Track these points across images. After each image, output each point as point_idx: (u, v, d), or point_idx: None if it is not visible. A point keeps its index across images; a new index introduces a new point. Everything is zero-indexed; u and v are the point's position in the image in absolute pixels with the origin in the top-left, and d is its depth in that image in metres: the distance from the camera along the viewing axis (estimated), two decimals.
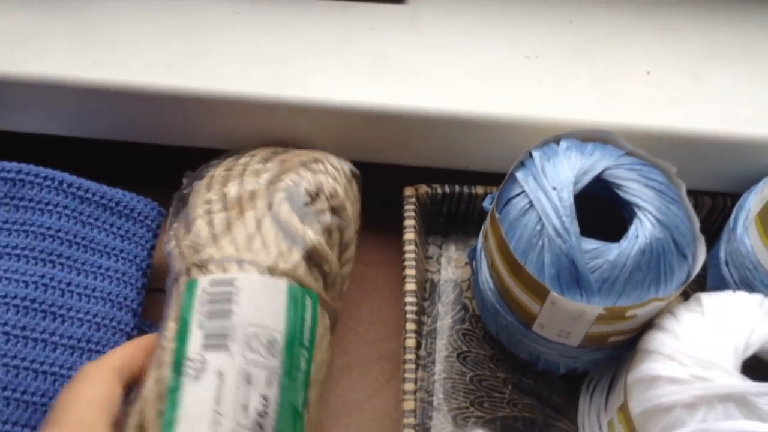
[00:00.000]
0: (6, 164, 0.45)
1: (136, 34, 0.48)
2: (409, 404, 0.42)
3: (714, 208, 0.49)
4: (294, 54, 0.47)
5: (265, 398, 0.33)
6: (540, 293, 0.39)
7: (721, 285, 0.45)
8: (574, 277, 0.38)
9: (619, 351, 0.43)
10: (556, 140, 0.43)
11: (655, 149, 0.43)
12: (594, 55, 0.49)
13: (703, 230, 0.46)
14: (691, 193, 0.46)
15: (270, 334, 0.34)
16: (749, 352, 0.37)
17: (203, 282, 0.36)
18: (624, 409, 0.40)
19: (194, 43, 0.48)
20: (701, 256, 0.40)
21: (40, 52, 0.47)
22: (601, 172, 0.41)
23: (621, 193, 0.41)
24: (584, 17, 0.51)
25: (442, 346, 0.48)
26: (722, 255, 0.45)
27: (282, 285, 0.36)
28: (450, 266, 0.51)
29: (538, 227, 0.39)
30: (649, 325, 0.40)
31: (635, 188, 0.40)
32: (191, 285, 0.36)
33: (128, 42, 0.48)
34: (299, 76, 0.46)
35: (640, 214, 0.40)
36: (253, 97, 0.45)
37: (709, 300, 0.40)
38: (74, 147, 0.50)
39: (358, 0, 0.50)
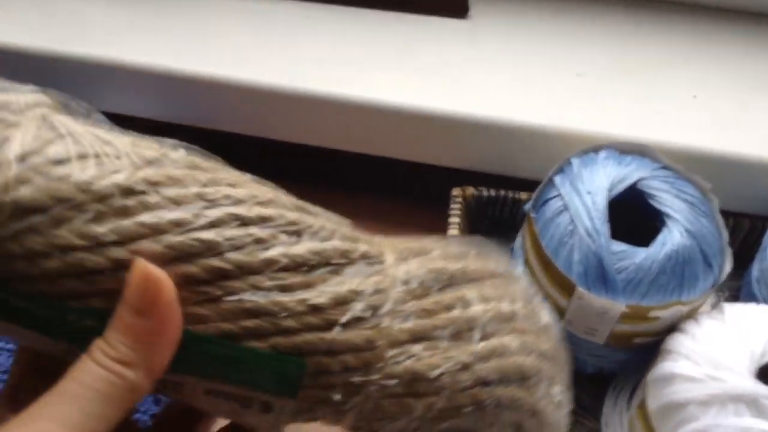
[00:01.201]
0: None
1: (216, 31, 0.53)
2: None
3: (753, 230, 0.51)
4: (358, 58, 0.52)
5: None
6: (568, 289, 0.42)
7: (751, 302, 0.46)
8: (600, 275, 0.41)
9: (644, 354, 0.45)
10: (596, 150, 0.45)
11: (695, 169, 0.45)
12: (643, 75, 0.52)
13: (742, 251, 0.48)
14: (731, 215, 0.48)
15: None
16: (765, 359, 0.39)
17: None
18: (643, 405, 0.42)
19: (267, 43, 0.53)
20: (727, 267, 0.42)
21: (134, 42, 0.53)
22: (636, 182, 0.43)
23: (653, 203, 0.43)
24: (636, 39, 0.54)
25: None
26: (754, 273, 0.47)
27: None
28: None
29: (570, 227, 0.42)
30: (672, 329, 0.42)
31: (667, 199, 0.43)
32: None
33: (208, 37, 0.53)
34: (361, 78, 0.50)
35: (669, 223, 0.42)
36: (317, 95, 0.50)
37: (732, 309, 0.41)
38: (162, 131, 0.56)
39: (422, 13, 0.54)
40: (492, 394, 0.26)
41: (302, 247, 0.24)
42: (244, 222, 0.23)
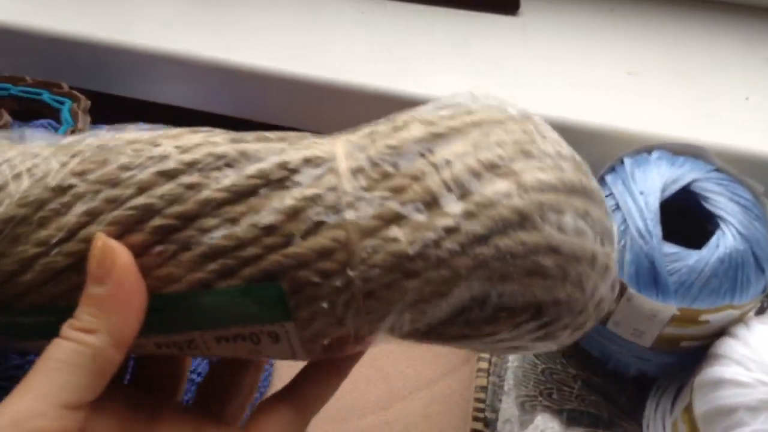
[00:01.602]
0: (145, 125, 0.51)
1: (269, 24, 0.54)
2: (481, 380, 0.45)
3: None
4: (411, 54, 0.52)
5: None
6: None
7: None
8: (652, 277, 0.41)
9: (690, 358, 0.44)
10: (649, 150, 0.45)
11: (747, 172, 0.45)
12: (695, 76, 0.51)
13: None
14: None
15: None
16: None
17: None
18: (689, 409, 0.41)
19: (320, 37, 0.53)
20: None
21: (185, 33, 0.53)
22: (689, 184, 0.43)
23: (707, 205, 0.43)
24: (689, 39, 0.53)
25: None
26: None
27: None
28: None
29: (622, 227, 0.42)
30: (721, 333, 0.42)
31: (721, 202, 0.42)
32: None
33: (261, 30, 0.53)
34: (414, 74, 0.51)
35: (723, 225, 0.41)
36: (368, 90, 0.50)
37: None
38: (209, 121, 0.56)
39: (474, 9, 0.54)
40: (492, 247, 0.24)
41: (235, 176, 0.24)
42: (170, 175, 0.24)
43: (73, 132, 0.48)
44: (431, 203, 0.24)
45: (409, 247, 0.23)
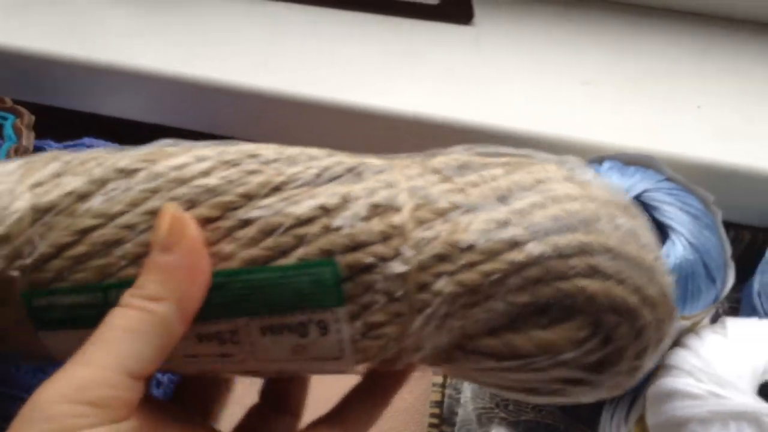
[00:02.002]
0: (95, 141, 0.50)
1: (221, 37, 0.53)
2: (435, 395, 0.44)
3: (753, 242, 0.50)
4: (364, 64, 0.51)
5: None
6: None
7: (752, 315, 0.46)
8: None
9: None
10: (600, 161, 0.45)
11: (698, 180, 0.45)
12: (648, 85, 0.51)
13: (741, 263, 0.47)
14: (731, 226, 0.48)
15: None
16: (767, 376, 0.38)
17: None
18: (641, 421, 0.41)
19: (274, 50, 0.52)
20: (730, 281, 0.41)
21: (141, 46, 0.52)
22: (640, 194, 0.43)
23: (657, 216, 0.43)
24: (642, 48, 0.53)
25: None
26: (755, 286, 0.46)
27: None
28: None
29: None
30: (674, 343, 0.42)
31: (671, 212, 0.42)
32: None
33: (213, 43, 0.52)
34: (368, 84, 0.50)
35: (673, 236, 0.42)
36: (321, 101, 0.49)
37: (734, 324, 0.41)
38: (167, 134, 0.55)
39: (427, 19, 0.54)
40: (550, 245, 0.24)
41: (300, 167, 0.25)
42: (234, 163, 0.25)
43: (16, 150, 0.46)
44: (490, 201, 0.25)
45: (466, 236, 0.24)
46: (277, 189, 0.24)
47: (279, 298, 0.24)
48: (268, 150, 0.25)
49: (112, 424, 0.22)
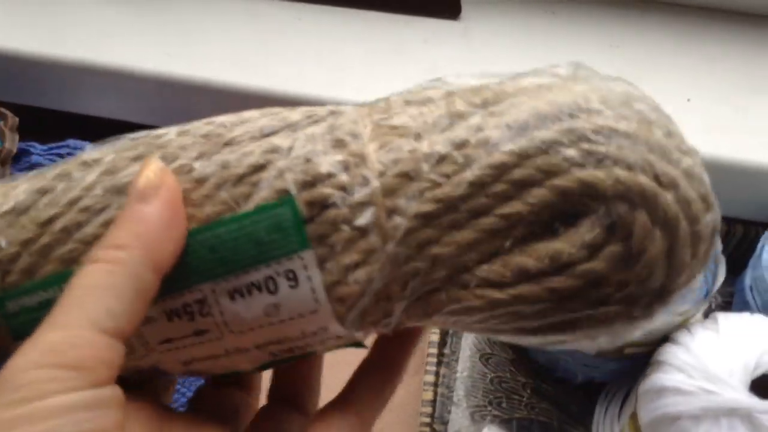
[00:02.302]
0: (79, 143, 0.50)
1: (204, 35, 0.52)
2: (427, 394, 0.44)
3: (746, 236, 0.50)
4: (352, 60, 0.51)
5: None
6: None
7: (744, 310, 0.46)
8: None
9: (636, 364, 0.44)
10: None
11: None
12: (636, 78, 0.50)
13: (734, 257, 0.47)
14: (723, 219, 0.48)
15: None
16: (759, 372, 0.38)
17: None
18: (634, 417, 0.41)
19: (258, 47, 0.52)
20: (720, 276, 0.41)
21: (122, 45, 0.51)
22: None
23: None
24: (628, 42, 0.53)
25: (466, 346, 0.50)
26: (747, 281, 0.46)
27: None
28: None
29: None
30: (665, 339, 0.42)
31: None
32: None
33: (196, 41, 0.52)
34: (355, 80, 0.50)
35: None
36: (308, 98, 0.49)
37: (725, 319, 0.41)
38: None
39: (414, 14, 0.53)
40: (531, 138, 0.21)
41: (253, 123, 0.23)
42: (188, 132, 0.24)
43: (0, 151, 0.46)
44: (462, 111, 0.22)
45: (435, 147, 0.21)
46: (228, 144, 0.23)
47: (240, 253, 0.22)
48: (223, 116, 0.24)
49: (94, 389, 0.20)
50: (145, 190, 0.22)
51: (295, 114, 0.24)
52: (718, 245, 0.42)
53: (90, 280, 0.21)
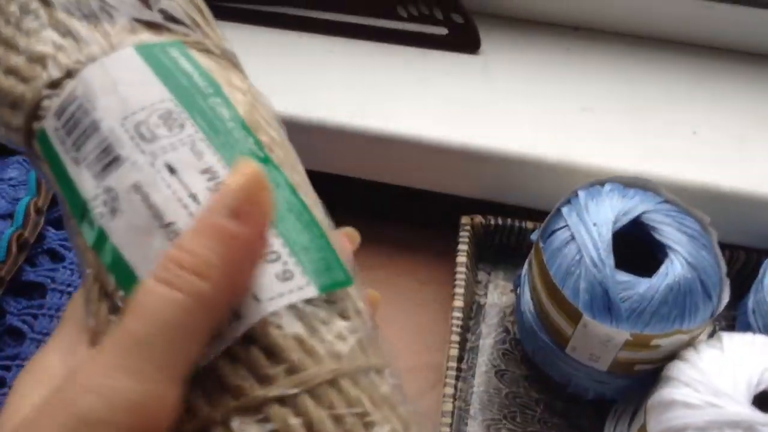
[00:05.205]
0: None
1: (246, 65, 0.55)
2: (447, 406, 0.46)
3: (748, 262, 0.53)
4: (375, 91, 0.54)
5: (207, 169, 0.23)
6: (574, 316, 0.44)
7: (747, 331, 0.48)
8: (605, 304, 0.43)
9: (645, 381, 0.47)
10: (602, 183, 0.48)
11: (694, 203, 0.48)
12: (645, 112, 0.54)
13: (737, 282, 0.49)
14: (727, 247, 0.51)
15: (156, 110, 0.25)
16: (761, 387, 0.41)
17: (48, 121, 0.26)
18: (643, 430, 0.44)
19: (288, 75, 0.55)
20: (725, 298, 0.44)
21: None
22: (640, 215, 0.45)
23: (656, 236, 0.45)
24: (639, 76, 0.56)
25: (482, 362, 0.52)
26: (750, 304, 0.49)
27: (128, 55, 0.26)
28: (496, 292, 0.56)
29: (577, 257, 0.44)
30: (672, 356, 0.44)
31: (669, 232, 0.45)
32: (42, 136, 0.26)
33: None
34: (378, 110, 0.53)
35: (671, 255, 0.44)
36: (335, 125, 0.52)
37: (729, 339, 0.43)
38: None
39: (437, 49, 0.57)
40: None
41: None
42: None
43: None
44: None
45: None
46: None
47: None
48: None
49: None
50: (240, 208, 0.19)
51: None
52: (724, 268, 0.45)
53: (167, 317, 0.18)
